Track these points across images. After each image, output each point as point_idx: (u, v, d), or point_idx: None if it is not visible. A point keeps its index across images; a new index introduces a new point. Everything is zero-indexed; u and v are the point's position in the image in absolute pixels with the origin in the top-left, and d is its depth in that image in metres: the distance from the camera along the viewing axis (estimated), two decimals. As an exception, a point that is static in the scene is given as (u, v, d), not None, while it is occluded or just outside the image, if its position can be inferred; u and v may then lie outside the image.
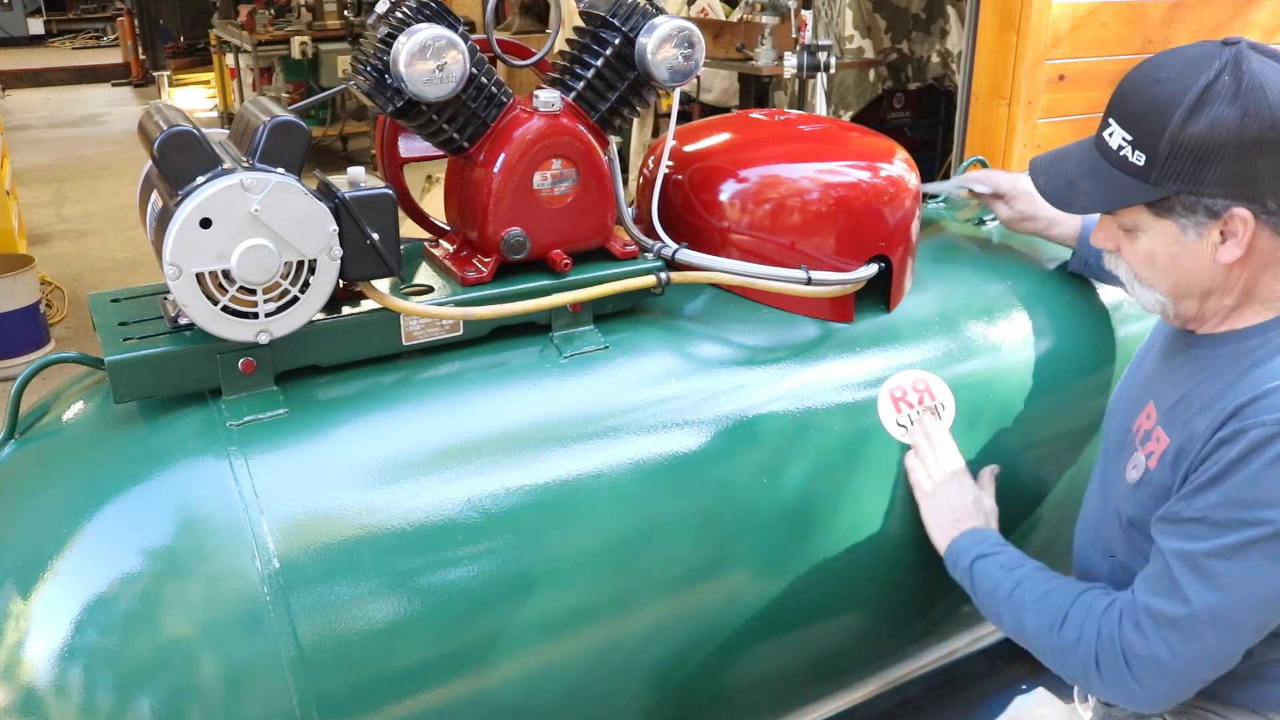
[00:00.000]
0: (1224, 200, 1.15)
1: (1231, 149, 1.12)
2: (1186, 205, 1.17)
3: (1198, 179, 1.14)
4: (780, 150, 1.65)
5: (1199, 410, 1.24)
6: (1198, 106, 1.12)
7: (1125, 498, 1.37)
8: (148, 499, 1.18)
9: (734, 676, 1.50)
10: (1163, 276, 1.25)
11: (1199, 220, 1.18)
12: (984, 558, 1.45)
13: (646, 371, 1.46)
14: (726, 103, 6.09)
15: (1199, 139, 1.13)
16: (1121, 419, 1.45)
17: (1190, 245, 1.20)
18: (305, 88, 8.22)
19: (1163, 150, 1.15)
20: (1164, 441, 1.29)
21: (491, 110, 1.42)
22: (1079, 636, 1.29)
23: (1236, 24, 3.83)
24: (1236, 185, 1.14)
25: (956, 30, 5.24)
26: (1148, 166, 1.17)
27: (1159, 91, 1.15)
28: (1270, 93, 1.11)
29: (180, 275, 1.14)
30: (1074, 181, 1.25)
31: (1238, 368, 1.23)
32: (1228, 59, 1.13)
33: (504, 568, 1.27)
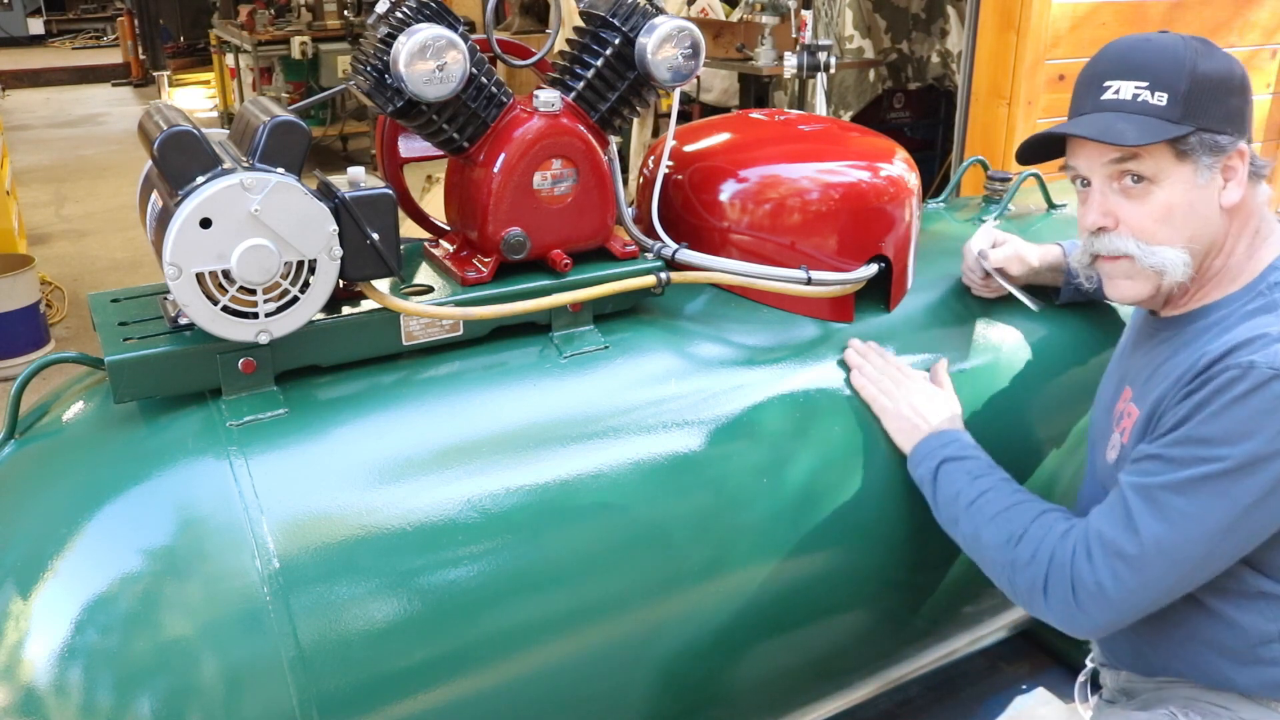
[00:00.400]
0: (1229, 136, 1.24)
1: (1234, 87, 1.24)
2: (1203, 143, 1.24)
3: (1210, 114, 1.23)
4: (780, 150, 1.65)
5: (1165, 377, 1.29)
6: (1200, 49, 1.24)
7: (1108, 478, 1.39)
8: (148, 499, 1.18)
9: (734, 676, 1.50)
10: (1181, 227, 1.28)
11: (1210, 162, 1.25)
12: (951, 461, 1.45)
13: (646, 371, 1.46)
14: (726, 103, 6.08)
15: (1211, 74, 1.23)
16: (1103, 411, 1.49)
17: (1203, 190, 1.26)
18: (305, 88, 8.22)
19: (1184, 86, 1.23)
20: (1135, 414, 1.33)
21: (491, 110, 1.42)
22: (1032, 556, 1.32)
23: (1237, 24, 3.83)
24: (1235, 122, 1.25)
25: (956, 30, 5.24)
26: (1171, 104, 1.23)
27: (1160, 42, 1.26)
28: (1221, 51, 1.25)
29: (180, 275, 1.14)
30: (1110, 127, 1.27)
31: (1204, 338, 1.28)
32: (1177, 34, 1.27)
33: (504, 568, 1.27)
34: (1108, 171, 1.29)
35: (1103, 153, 1.28)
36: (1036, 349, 1.74)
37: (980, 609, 1.80)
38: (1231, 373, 1.18)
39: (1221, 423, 1.19)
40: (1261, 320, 1.23)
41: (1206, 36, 1.31)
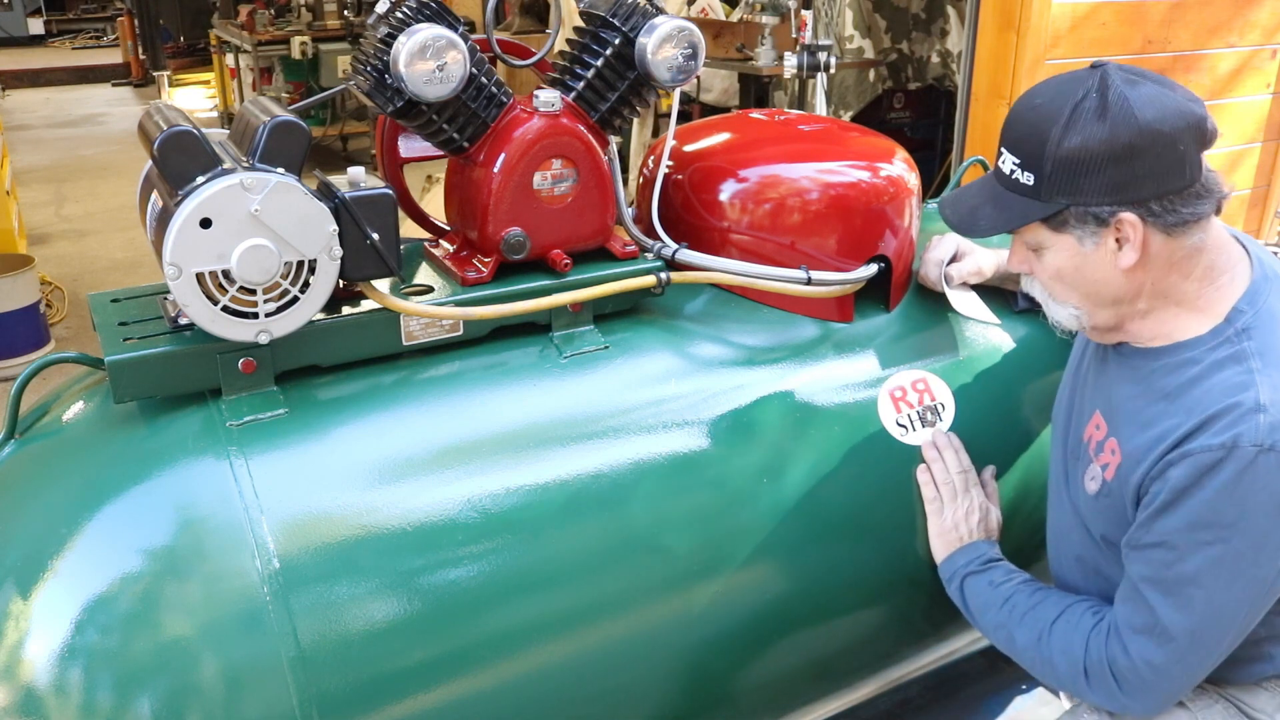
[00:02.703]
0: (1109, 207, 1.21)
1: (1106, 158, 1.19)
2: (1078, 216, 1.23)
3: (1082, 190, 1.21)
4: (780, 150, 1.65)
5: (1142, 426, 1.28)
6: (1070, 124, 1.20)
7: (1089, 510, 1.40)
8: (148, 499, 1.18)
9: (734, 676, 1.50)
10: (1072, 289, 1.30)
11: (1092, 230, 1.23)
12: (973, 575, 1.49)
13: (646, 371, 1.46)
14: (726, 103, 6.08)
15: (1075, 152, 1.20)
16: (1072, 427, 1.47)
17: (1091, 255, 1.25)
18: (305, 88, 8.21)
19: (1046, 167, 1.22)
20: (1118, 456, 1.32)
21: (491, 110, 1.42)
22: (1066, 649, 1.34)
23: (1237, 24, 3.83)
24: (1118, 191, 1.20)
25: (956, 30, 5.24)
26: (1037, 185, 1.23)
27: (1036, 115, 1.23)
28: (1134, 104, 1.18)
29: (180, 275, 1.14)
30: (976, 209, 1.31)
31: (1174, 381, 1.27)
32: (1095, 81, 1.21)
33: (504, 568, 1.27)
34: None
35: None
36: (1035, 348, 1.74)
37: (980, 609, 1.80)
38: (1216, 454, 1.18)
39: (1218, 507, 1.18)
40: (1231, 375, 1.22)
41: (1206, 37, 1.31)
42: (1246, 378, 1.21)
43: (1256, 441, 1.16)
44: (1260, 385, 1.19)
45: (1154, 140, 1.18)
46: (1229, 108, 3.95)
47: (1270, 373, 1.21)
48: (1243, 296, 1.27)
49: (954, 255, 1.69)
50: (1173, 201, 1.20)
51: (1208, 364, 1.25)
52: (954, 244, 1.70)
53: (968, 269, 1.67)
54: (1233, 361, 1.23)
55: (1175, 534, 1.22)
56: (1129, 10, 3.59)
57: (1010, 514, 1.68)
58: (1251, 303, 1.26)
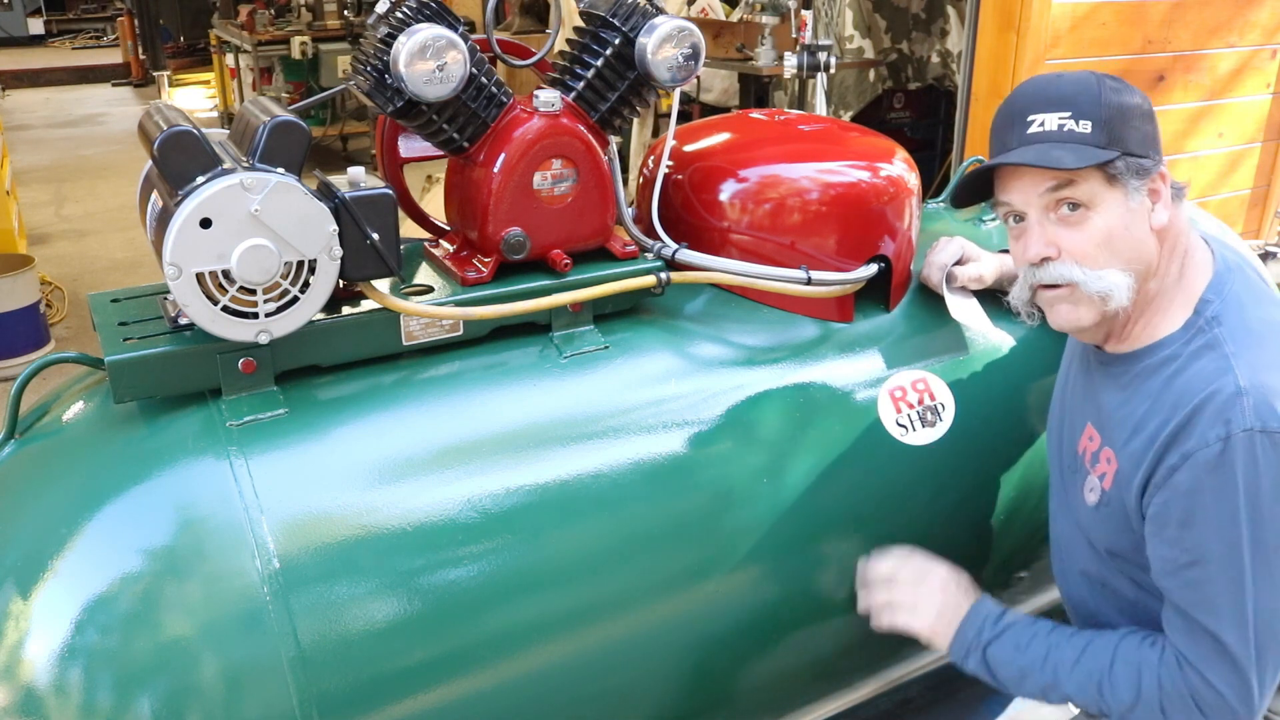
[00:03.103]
0: (1149, 160, 1.27)
1: (1140, 115, 1.27)
2: (1129, 166, 1.26)
3: (1128, 141, 1.26)
4: (780, 150, 1.65)
5: (1133, 431, 1.28)
6: (1102, 81, 1.27)
7: (1091, 523, 1.38)
8: (148, 499, 1.18)
9: (734, 676, 1.50)
10: (1120, 250, 1.28)
11: (1138, 185, 1.27)
12: (992, 644, 1.39)
13: (646, 371, 1.46)
14: (726, 103, 6.08)
15: (1125, 103, 1.26)
16: (1066, 442, 1.46)
17: (1135, 212, 1.27)
18: (305, 88, 8.21)
19: (1103, 113, 1.25)
20: (1114, 464, 1.32)
21: (491, 110, 1.42)
22: (1138, 693, 1.28)
23: (1237, 24, 3.82)
24: (1151, 145, 1.27)
25: (956, 30, 5.24)
26: (1096, 131, 1.25)
27: (1071, 78, 1.29)
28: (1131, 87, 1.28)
29: (180, 275, 1.14)
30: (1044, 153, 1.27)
31: (1156, 382, 1.28)
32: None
33: (504, 568, 1.27)
34: (1044, 202, 1.28)
35: (1037, 184, 1.27)
36: (1035, 348, 1.74)
37: (980, 609, 1.80)
38: (1214, 448, 1.18)
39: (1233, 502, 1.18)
40: (1207, 363, 1.23)
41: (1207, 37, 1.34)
42: (1223, 363, 1.22)
43: (1246, 426, 1.17)
44: (1238, 369, 1.21)
45: (1153, 114, 1.29)
46: (1229, 108, 3.95)
47: (1244, 355, 1.22)
48: (1208, 287, 1.30)
49: (959, 259, 1.68)
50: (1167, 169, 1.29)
51: (1185, 356, 1.26)
52: (959, 249, 1.70)
53: (970, 274, 1.67)
54: (1207, 349, 1.25)
55: (1204, 544, 1.20)
56: (1129, 10, 3.59)
57: (1011, 514, 1.68)
58: (1218, 292, 1.29)
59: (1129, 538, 1.31)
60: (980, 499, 1.67)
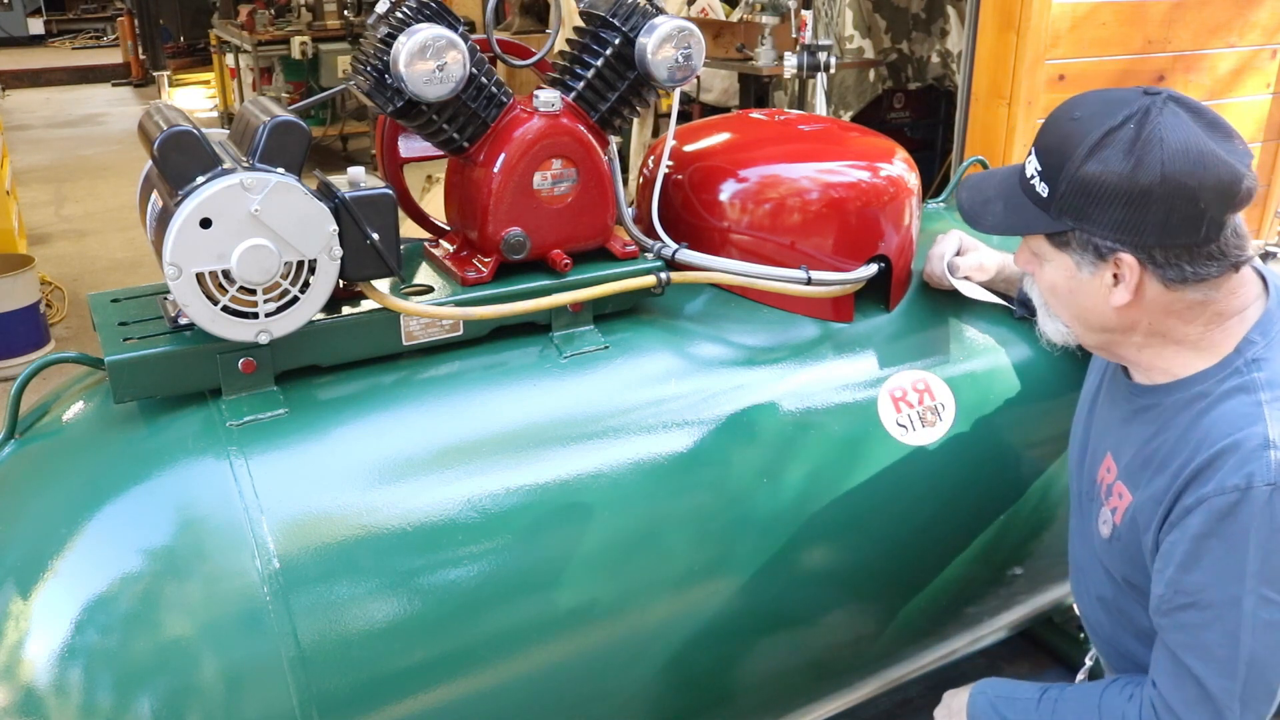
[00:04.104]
0: (1111, 243, 1.17)
1: (1121, 196, 1.14)
2: (1080, 242, 1.19)
3: (1089, 217, 1.17)
4: (780, 150, 1.65)
5: (1156, 470, 1.24)
6: (1095, 149, 1.15)
7: (1105, 553, 1.36)
8: (148, 499, 1.18)
9: (734, 676, 1.50)
10: (1063, 306, 1.27)
11: (1090, 259, 1.20)
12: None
13: (646, 371, 1.46)
14: (726, 103, 6.08)
15: (1091, 180, 1.15)
16: (1086, 468, 1.44)
17: (1085, 281, 1.21)
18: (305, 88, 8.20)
19: (1061, 186, 1.18)
20: (1126, 499, 1.29)
21: (491, 110, 1.42)
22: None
23: (1237, 24, 3.82)
24: (1124, 231, 1.15)
25: (956, 30, 5.24)
26: (1049, 198, 1.20)
27: (1070, 129, 1.18)
28: (1167, 149, 1.11)
29: (180, 275, 1.14)
30: (990, 201, 1.28)
31: (1184, 418, 1.22)
32: (1139, 109, 1.14)
33: (504, 568, 1.27)
34: None
35: None
36: (1036, 348, 1.74)
37: (981, 609, 1.80)
38: (1230, 497, 1.13)
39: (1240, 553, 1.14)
40: (1238, 405, 1.17)
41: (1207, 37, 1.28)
42: (1255, 410, 1.16)
43: (1269, 481, 1.12)
44: (1270, 420, 1.14)
45: (1173, 192, 1.12)
46: (1229, 108, 3.95)
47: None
48: (1255, 325, 1.22)
49: (958, 250, 1.69)
50: (1179, 256, 1.15)
51: (1216, 395, 1.20)
52: (957, 240, 1.70)
53: (971, 263, 1.68)
54: (1241, 392, 1.18)
55: (1203, 590, 1.16)
56: (1129, 10, 3.59)
57: (1010, 514, 1.69)
58: (1264, 332, 1.21)
59: (1144, 573, 1.27)
60: (979, 499, 1.67)
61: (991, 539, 1.70)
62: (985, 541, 1.69)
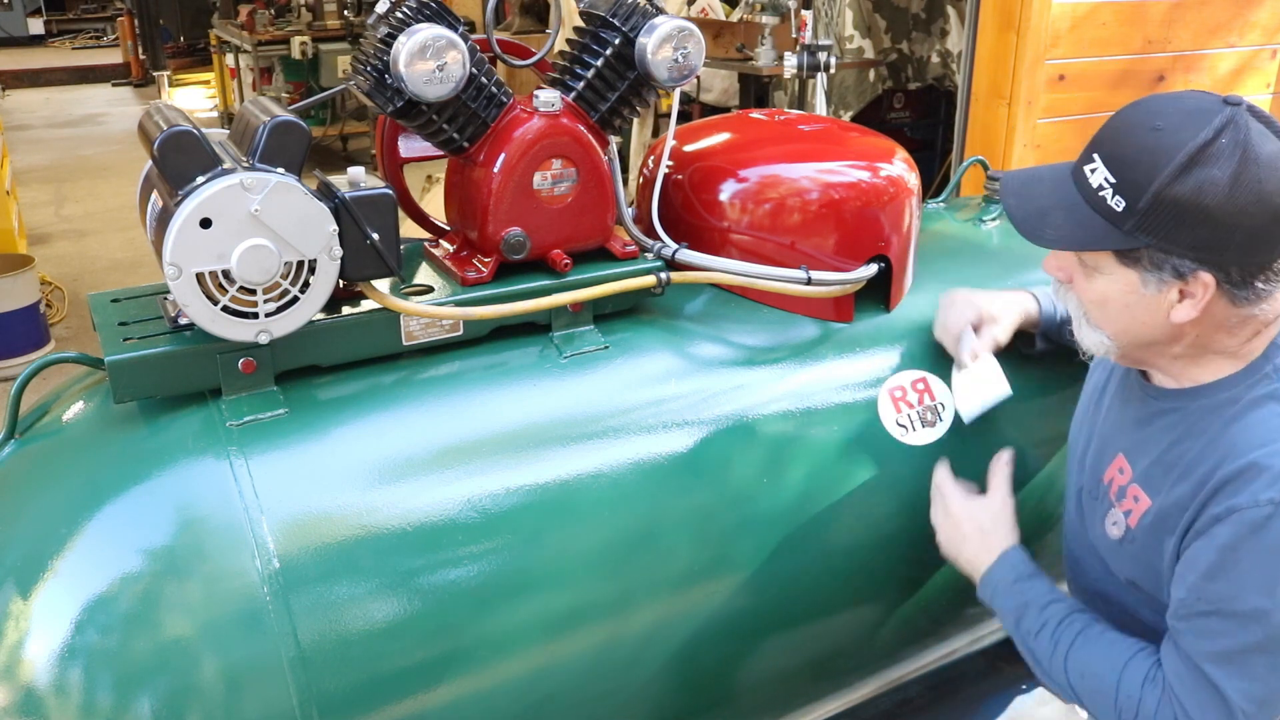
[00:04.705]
0: (1192, 263, 1.12)
1: (1213, 215, 1.09)
2: (1154, 260, 1.14)
3: (1172, 238, 1.11)
4: (780, 150, 1.65)
5: (1181, 475, 1.21)
6: (1190, 165, 1.08)
7: (1111, 553, 1.34)
8: (148, 499, 1.18)
9: (734, 676, 1.50)
10: (1112, 320, 1.22)
11: (1162, 277, 1.15)
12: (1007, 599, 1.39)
13: (646, 371, 1.46)
14: (726, 103, 6.08)
15: (1184, 199, 1.09)
16: (1089, 465, 1.41)
17: (1147, 298, 1.17)
18: (305, 88, 8.21)
19: (1145, 203, 1.11)
20: (1143, 502, 1.26)
21: (491, 110, 1.42)
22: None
23: (1236, 24, 3.83)
24: (1208, 250, 1.11)
25: (956, 30, 5.24)
26: (1125, 214, 1.13)
27: (1154, 140, 1.11)
28: (1263, 166, 1.07)
29: (180, 275, 1.14)
30: (1046, 211, 1.20)
31: (1213, 425, 1.20)
32: (1227, 118, 1.09)
33: (504, 568, 1.27)
34: None
35: None
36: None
37: (981, 609, 1.80)
38: (1264, 510, 1.11)
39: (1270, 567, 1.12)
40: (1270, 415, 1.15)
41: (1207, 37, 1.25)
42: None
43: None
44: None
45: (1264, 211, 1.08)
46: (1229, 108, 3.94)
47: None
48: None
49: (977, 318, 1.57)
50: (1254, 274, 1.12)
51: (1245, 402, 1.18)
52: (975, 312, 1.57)
53: (985, 343, 1.56)
54: (1271, 399, 1.17)
55: (1229, 600, 1.14)
56: (1129, 10, 3.59)
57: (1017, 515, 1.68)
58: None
59: (1153, 576, 1.26)
60: (980, 499, 1.67)
61: (991, 539, 1.69)
62: (985, 541, 1.69)
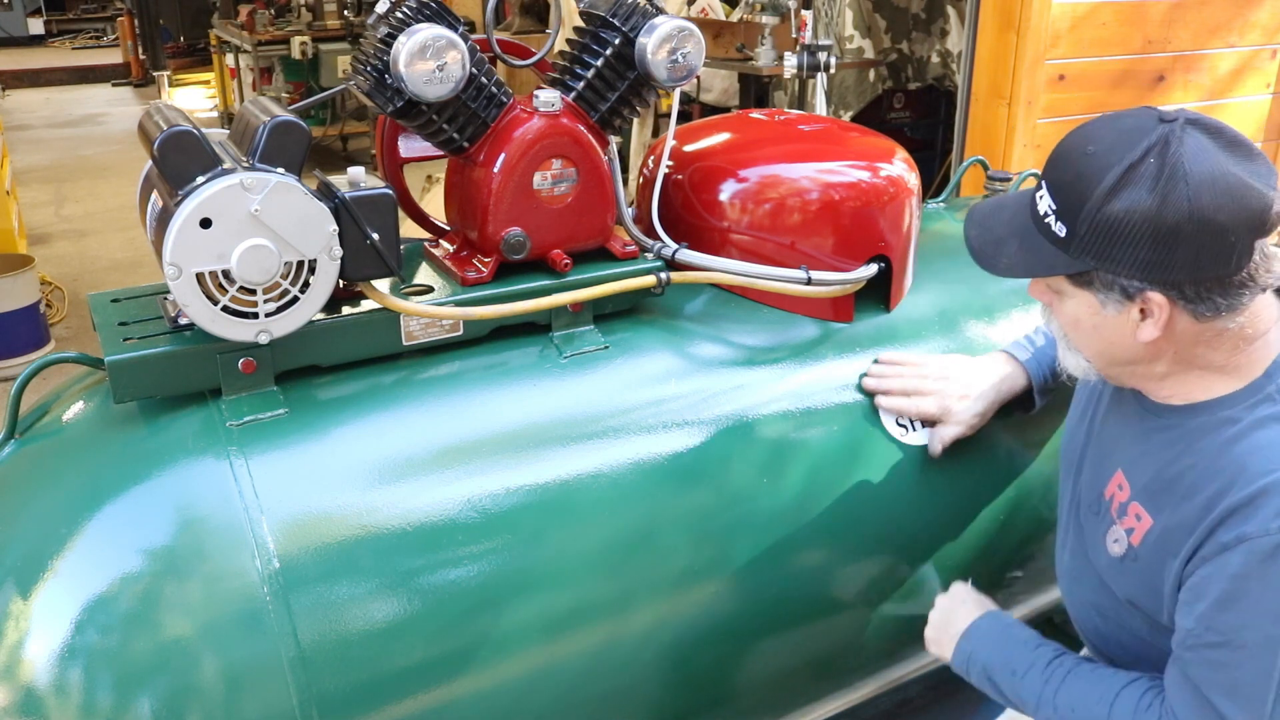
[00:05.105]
0: (1139, 283, 1.13)
1: (1147, 235, 1.09)
2: (1104, 281, 1.15)
3: (1113, 258, 1.12)
4: (780, 150, 1.65)
5: (1182, 496, 1.20)
6: (1117, 188, 1.09)
7: (1110, 570, 1.32)
8: (148, 499, 1.18)
9: (734, 676, 1.50)
10: (1087, 342, 1.23)
11: (1115, 298, 1.15)
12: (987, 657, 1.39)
13: (646, 371, 1.46)
14: (726, 103, 6.08)
15: (1114, 220, 1.10)
16: (1087, 480, 1.40)
17: (1110, 318, 1.18)
18: (305, 88, 8.21)
19: (1081, 226, 1.12)
20: (1146, 521, 1.25)
21: (491, 110, 1.42)
22: None
23: (1236, 24, 3.83)
24: (1152, 270, 1.11)
25: (956, 30, 5.24)
26: (1068, 238, 1.14)
27: (1085, 164, 1.12)
28: (1192, 183, 1.07)
29: (180, 275, 1.14)
30: (1002, 241, 1.23)
31: (1212, 444, 1.19)
32: (1158, 138, 1.09)
33: (504, 568, 1.27)
34: None
35: None
36: (1036, 349, 1.73)
37: (980, 609, 1.80)
38: (1275, 538, 1.09)
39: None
40: (1275, 434, 1.14)
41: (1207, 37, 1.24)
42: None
43: None
44: None
45: (1202, 228, 1.07)
46: (1229, 108, 3.95)
47: None
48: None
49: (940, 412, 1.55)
50: (1210, 289, 1.12)
51: (1247, 423, 1.16)
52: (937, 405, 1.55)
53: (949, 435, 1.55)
54: (1276, 422, 1.15)
55: (1239, 630, 1.12)
56: (1129, 10, 3.59)
57: (1009, 515, 1.68)
58: None
59: (1153, 597, 1.25)
60: (979, 499, 1.67)
61: (991, 540, 1.70)
62: (984, 543, 1.69)
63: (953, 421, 1.55)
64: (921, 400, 1.55)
